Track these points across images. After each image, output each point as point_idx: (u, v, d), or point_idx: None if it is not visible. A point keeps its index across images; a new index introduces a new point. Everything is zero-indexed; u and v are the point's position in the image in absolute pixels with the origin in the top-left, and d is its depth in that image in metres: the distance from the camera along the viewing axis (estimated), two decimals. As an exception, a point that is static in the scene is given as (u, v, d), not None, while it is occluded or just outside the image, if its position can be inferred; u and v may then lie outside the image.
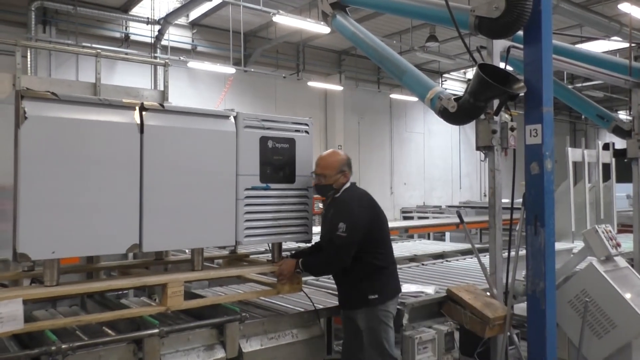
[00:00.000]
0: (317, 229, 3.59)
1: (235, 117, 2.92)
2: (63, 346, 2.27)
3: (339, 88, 17.62)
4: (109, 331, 2.64)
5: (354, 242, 2.98)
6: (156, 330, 2.53)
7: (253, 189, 2.95)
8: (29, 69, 12.09)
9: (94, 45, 12.97)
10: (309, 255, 3.26)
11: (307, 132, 3.26)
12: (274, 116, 3.13)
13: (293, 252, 3.40)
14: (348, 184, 3.21)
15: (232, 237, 2.88)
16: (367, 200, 3.19)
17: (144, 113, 2.59)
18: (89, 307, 3.35)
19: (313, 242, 3.37)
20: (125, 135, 2.53)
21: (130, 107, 2.58)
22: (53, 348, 2.24)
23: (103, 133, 2.47)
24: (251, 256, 3.71)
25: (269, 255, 3.33)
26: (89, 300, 3.37)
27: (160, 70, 14.09)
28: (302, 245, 3.45)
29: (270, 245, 3.23)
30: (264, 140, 3.01)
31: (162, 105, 2.70)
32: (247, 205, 2.92)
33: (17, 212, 2.23)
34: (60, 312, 3.22)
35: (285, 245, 3.52)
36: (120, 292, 3.56)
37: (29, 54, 12.18)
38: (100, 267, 3.12)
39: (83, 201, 2.40)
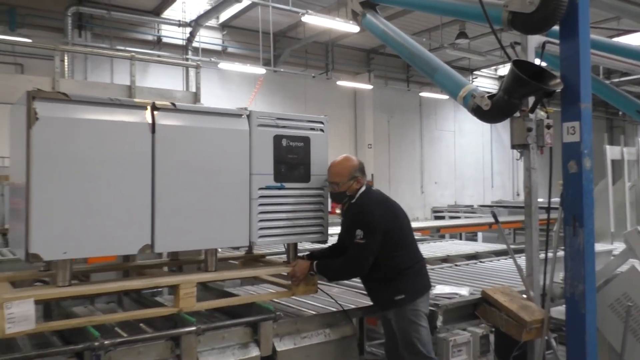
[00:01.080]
0: (333, 229, 3.56)
1: (248, 116, 2.89)
2: (105, 342, 2.33)
3: (369, 87, 17.55)
4: (147, 328, 2.68)
5: (372, 248, 2.95)
6: (193, 328, 2.57)
7: (267, 188, 2.91)
8: (66, 72, 12.44)
9: (127, 49, 13.26)
10: (325, 257, 3.24)
11: (322, 130, 3.21)
12: (288, 114, 3.08)
13: (307, 252, 3.37)
14: (363, 189, 3.15)
15: (246, 238, 2.84)
16: (383, 203, 3.15)
17: (155, 113, 2.57)
18: (125, 304, 3.41)
19: (329, 243, 3.35)
20: (136, 135, 2.52)
21: (142, 107, 2.57)
22: (96, 344, 2.31)
23: (114, 133, 2.46)
24: (268, 257, 3.70)
25: (284, 256, 3.31)
26: (125, 298, 3.43)
27: (192, 71, 14.31)
28: (318, 245, 3.41)
29: (285, 245, 3.20)
30: (277, 139, 2.97)
31: (173, 105, 2.68)
32: (261, 205, 2.87)
33: (29, 213, 2.24)
34: (98, 308, 3.30)
35: (302, 245, 3.50)
36: (155, 290, 3.61)
37: (66, 58, 12.54)
38: (135, 265, 3.17)
39: (95, 202, 2.39)
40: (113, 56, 12.13)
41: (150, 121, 2.55)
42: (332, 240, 3.36)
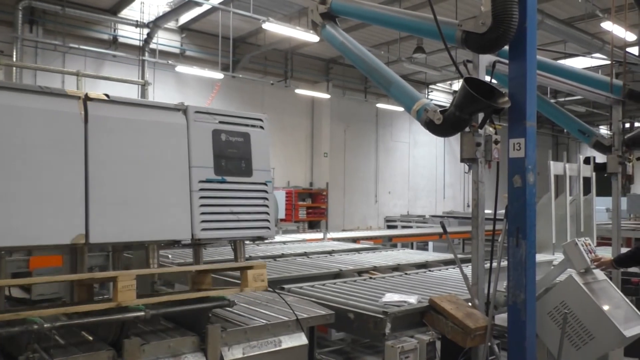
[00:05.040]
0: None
1: (184, 110, 2.91)
2: (45, 325, 2.19)
3: (326, 96, 17.71)
4: (89, 336, 2.60)
5: None
6: (138, 339, 2.51)
7: (208, 181, 2.90)
8: (14, 68, 11.95)
9: (81, 47, 12.89)
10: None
11: (262, 127, 3.21)
12: (226, 111, 3.10)
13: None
14: None
15: (188, 231, 2.81)
16: None
17: (88, 103, 2.56)
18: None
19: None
20: (67, 125, 2.49)
21: (74, 97, 2.55)
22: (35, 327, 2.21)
23: (43, 121, 2.42)
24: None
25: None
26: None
27: (148, 72, 14.04)
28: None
29: (232, 245, 3.17)
30: (216, 133, 2.98)
31: (107, 96, 2.68)
32: (202, 197, 2.86)
33: None
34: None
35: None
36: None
37: (14, 53, 12.06)
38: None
39: (21, 189, 2.33)
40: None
41: (82, 111, 2.54)
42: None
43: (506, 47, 3.39)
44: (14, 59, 11.90)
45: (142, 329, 2.82)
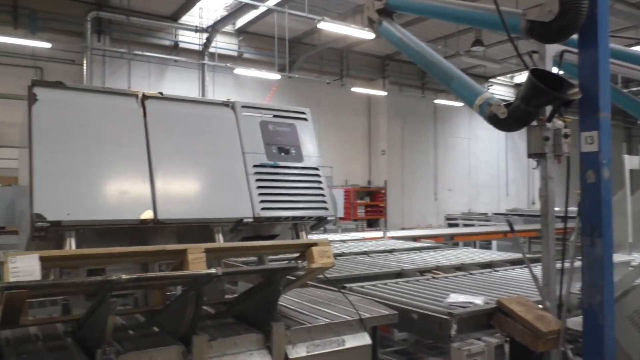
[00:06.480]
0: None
1: (232, 105, 3.23)
2: (124, 276, 2.17)
3: (383, 93, 17.56)
4: (159, 331, 2.68)
5: None
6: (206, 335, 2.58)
7: (261, 165, 3.16)
8: (84, 76, 12.63)
9: (145, 53, 13.44)
10: None
11: (305, 119, 3.47)
12: (270, 105, 3.39)
13: None
14: None
15: (249, 209, 3.04)
16: None
17: (145, 101, 2.95)
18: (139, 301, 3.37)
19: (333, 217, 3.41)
20: (129, 117, 2.87)
21: (133, 95, 2.96)
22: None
23: (108, 114, 2.81)
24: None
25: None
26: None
27: (208, 76, 14.45)
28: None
29: (294, 230, 3.32)
30: (264, 124, 3.27)
31: (161, 94, 3.07)
32: (258, 180, 3.11)
33: (32, 179, 2.50)
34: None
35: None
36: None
37: (84, 62, 12.73)
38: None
39: (94, 171, 2.66)
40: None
41: (140, 106, 2.93)
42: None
43: (574, 36, 3.21)
44: (84, 68, 12.57)
45: (209, 324, 2.91)
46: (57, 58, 12.81)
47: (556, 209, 3.48)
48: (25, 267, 2.14)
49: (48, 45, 11.89)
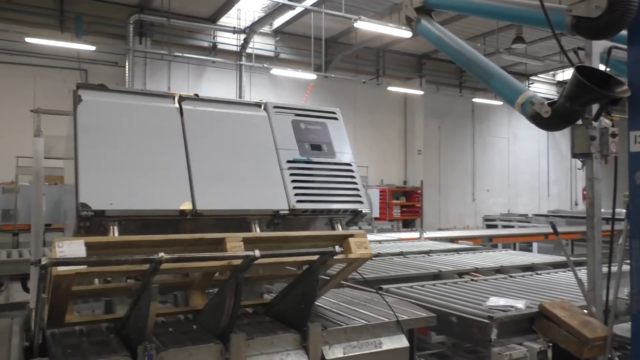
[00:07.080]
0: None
1: (264, 106, 3.38)
2: (165, 256, 2.22)
3: (419, 92, 17.37)
4: (198, 329, 2.72)
5: None
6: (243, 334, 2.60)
7: (295, 161, 3.26)
8: (126, 78, 12.98)
9: (185, 55, 13.71)
10: None
11: (336, 118, 3.58)
12: (301, 105, 3.55)
13: None
14: None
15: (284, 202, 3.11)
16: None
17: (182, 102, 3.12)
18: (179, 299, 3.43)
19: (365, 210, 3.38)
20: (166, 117, 3.03)
21: (170, 96, 3.15)
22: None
23: (148, 114, 2.98)
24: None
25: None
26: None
27: (245, 76, 14.62)
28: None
29: (329, 224, 3.37)
30: (296, 122, 3.40)
31: (196, 95, 3.24)
32: (292, 174, 3.20)
33: (77, 172, 2.65)
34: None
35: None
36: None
37: (126, 64, 13.08)
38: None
39: (136, 165, 2.81)
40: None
41: (177, 107, 3.10)
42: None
43: (623, 31, 3.08)
44: (127, 70, 12.92)
45: (246, 323, 2.93)
46: (100, 60, 13.21)
47: (602, 210, 3.36)
48: (72, 251, 2.20)
49: (92, 48, 12.29)
